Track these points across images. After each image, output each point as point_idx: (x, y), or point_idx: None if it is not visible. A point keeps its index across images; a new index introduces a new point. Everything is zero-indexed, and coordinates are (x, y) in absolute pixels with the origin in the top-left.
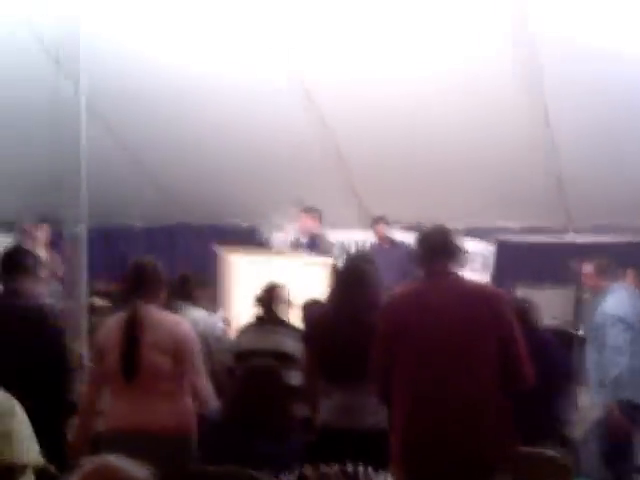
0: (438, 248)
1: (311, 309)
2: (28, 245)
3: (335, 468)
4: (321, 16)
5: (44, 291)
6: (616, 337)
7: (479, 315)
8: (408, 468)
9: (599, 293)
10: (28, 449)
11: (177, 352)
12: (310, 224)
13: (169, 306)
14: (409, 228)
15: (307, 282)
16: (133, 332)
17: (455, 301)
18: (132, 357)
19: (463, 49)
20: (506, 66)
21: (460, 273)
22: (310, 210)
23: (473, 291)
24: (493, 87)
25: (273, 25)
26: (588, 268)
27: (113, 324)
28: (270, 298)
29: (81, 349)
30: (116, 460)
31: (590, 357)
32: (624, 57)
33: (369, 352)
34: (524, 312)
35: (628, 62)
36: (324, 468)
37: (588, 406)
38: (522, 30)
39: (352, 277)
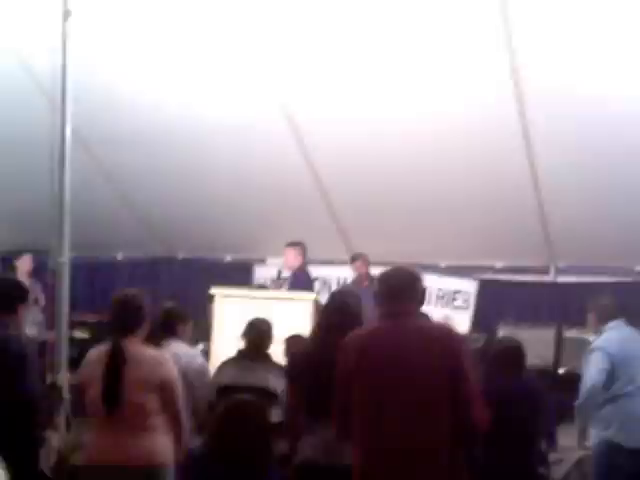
0: (396, 289)
1: (294, 344)
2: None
3: None
4: (311, 56)
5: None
6: (592, 365)
7: (433, 357)
8: None
9: (598, 334)
10: None
11: (160, 388)
12: (293, 258)
13: (151, 340)
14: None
15: (289, 317)
16: (116, 367)
17: (410, 342)
18: (114, 392)
19: (451, 92)
20: (494, 111)
21: (423, 313)
22: (294, 244)
23: (429, 332)
24: (479, 129)
25: (264, 65)
26: (589, 309)
27: (95, 357)
28: (253, 333)
29: (61, 381)
30: None
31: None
32: (608, 104)
33: None
34: (514, 354)
35: (611, 109)
36: None
37: (569, 446)
38: (508, 78)
39: (337, 312)
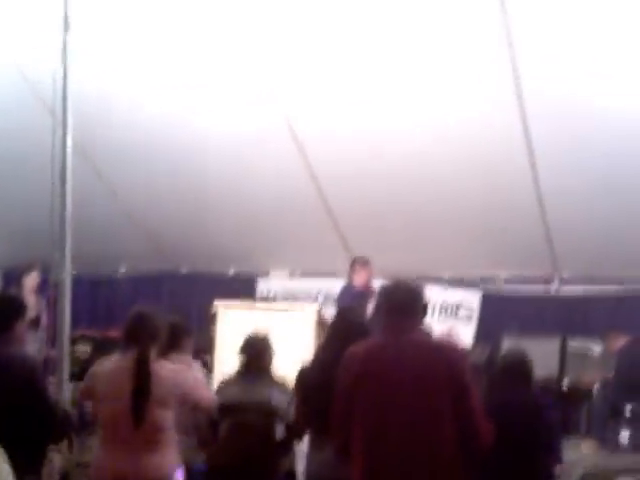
0: (398, 305)
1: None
2: (15, 291)
3: None
4: (313, 69)
5: (29, 338)
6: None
7: (435, 372)
8: None
9: None
10: None
11: (176, 403)
12: (369, 277)
13: (159, 354)
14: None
15: (292, 328)
16: (143, 382)
17: (411, 358)
18: (142, 408)
19: (454, 103)
20: (496, 122)
21: (425, 327)
22: (369, 263)
23: (431, 348)
24: (482, 141)
25: (266, 79)
26: None
27: (112, 372)
28: (251, 350)
29: (64, 398)
30: None
31: None
32: (610, 116)
33: None
34: (521, 367)
35: (613, 116)
36: None
37: (574, 460)
38: (511, 89)
39: (343, 333)
